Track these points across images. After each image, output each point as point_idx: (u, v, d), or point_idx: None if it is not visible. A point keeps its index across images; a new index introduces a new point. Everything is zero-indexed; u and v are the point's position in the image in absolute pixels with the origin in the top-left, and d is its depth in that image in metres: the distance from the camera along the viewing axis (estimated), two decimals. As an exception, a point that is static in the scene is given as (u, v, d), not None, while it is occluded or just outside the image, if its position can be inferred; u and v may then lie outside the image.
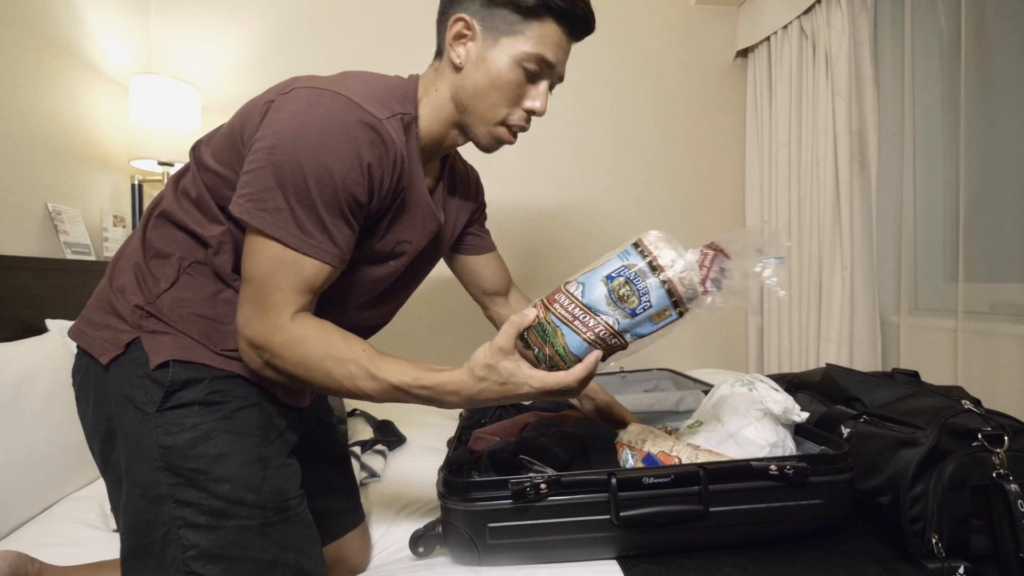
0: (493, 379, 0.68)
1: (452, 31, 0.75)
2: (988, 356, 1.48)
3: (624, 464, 0.90)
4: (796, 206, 2.07)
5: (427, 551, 0.82)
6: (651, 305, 0.67)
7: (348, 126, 0.66)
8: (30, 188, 1.42)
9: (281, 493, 0.73)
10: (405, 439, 1.39)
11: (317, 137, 0.64)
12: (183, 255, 0.74)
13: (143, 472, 0.69)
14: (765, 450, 0.84)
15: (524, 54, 0.74)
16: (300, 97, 0.67)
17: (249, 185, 0.65)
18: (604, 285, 0.68)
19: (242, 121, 0.72)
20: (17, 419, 1.02)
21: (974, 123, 1.53)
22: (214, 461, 0.69)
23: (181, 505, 0.68)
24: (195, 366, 0.71)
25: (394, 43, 2.10)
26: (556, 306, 0.70)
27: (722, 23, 2.37)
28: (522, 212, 2.21)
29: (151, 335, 0.71)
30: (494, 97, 0.76)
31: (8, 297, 1.23)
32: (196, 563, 0.67)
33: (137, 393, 0.69)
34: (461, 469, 0.91)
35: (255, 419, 0.74)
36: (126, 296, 0.74)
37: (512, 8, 0.73)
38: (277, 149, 0.64)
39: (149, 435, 0.68)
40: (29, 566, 0.81)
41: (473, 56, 0.75)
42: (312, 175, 0.64)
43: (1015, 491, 0.74)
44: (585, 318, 0.68)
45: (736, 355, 2.40)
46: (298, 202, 0.65)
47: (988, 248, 1.53)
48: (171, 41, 1.97)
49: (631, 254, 0.69)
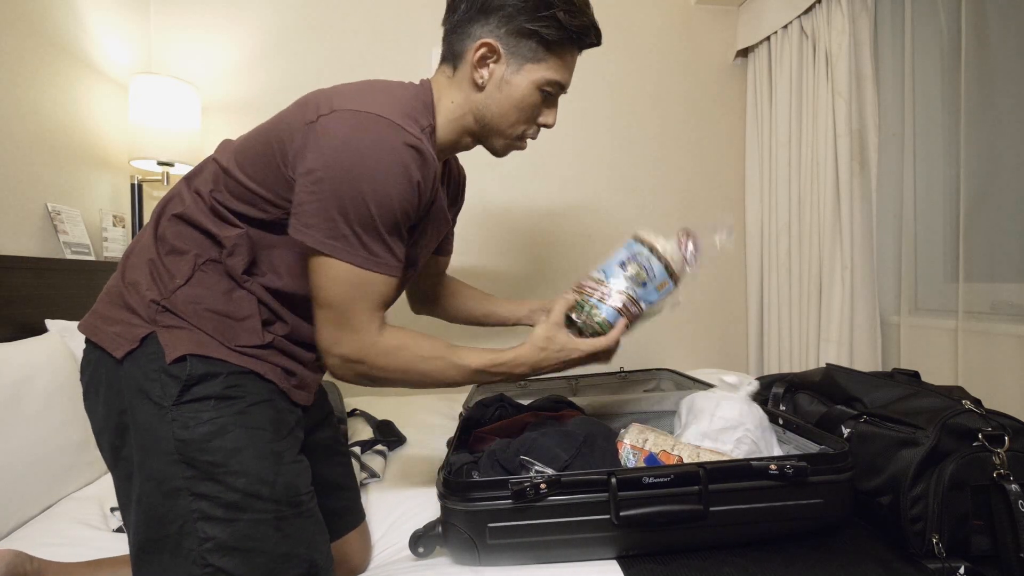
0: (552, 349, 0.85)
1: (477, 54, 0.80)
2: (988, 356, 1.48)
3: (625, 463, 0.91)
4: (796, 206, 2.06)
5: (427, 551, 0.82)
6: (655, 277, 0.91)
7: (397, 150, 0.70)
8: (30, 188, 1.42)
9: (294, 488, 0.74)
10: (405, 439, 1.39)
11: (374, 164, 0.69)
12: (198, 252, 0.76)
13: (158, 465, 0.69)
14: (732, 431, 0.94)
15: (545, 80, 0.82)
16: (345, 121, 0.70)
17: (313, 215, 0.69)
18: (620, 268, 0.92)
19: (279, 140, 0.74)
20: (17, 419, 1.02)
21: (974, 123, 1.53)
22: (230, 455, 0.70)
23: (198, 498, 0.68)
24: (211, 361, 0.72)
25: (394, 43, 2.10)
26: (587, 288, 0.92)
27: (722, 23, 2.37)
28: (523, 211, 2.21)
29: (166, 330, 0.72)
30: (515, 117, 0.84)
31: (8, 297, 1.23)
32: (213, 555, 0.67)
33: (153, 387, 0.70)
34: (461, 469, 0.91)
35: (268, 415, 0.75)
36: (140, 291, 0.74)
37: (538, 40, 0.80)
38: (336, 180, 0.68)
39: (165, 428, 0.69)
40: (28, 565, 0.81)
41: (496, 78, 0.82)
42: (373, 201, 0.69)
43: (1015, 491, 0.74)
44: (612, 293, 0.90)
45: (736, 355, 2.40)
46: (362, 227, 0.70)
47: (988, 248, 1.52)
48: (171, 41, 1.97)
49: (634, 244, 0.94)
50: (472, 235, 2.15)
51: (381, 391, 2.01)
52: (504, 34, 0.79)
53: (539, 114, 0.86)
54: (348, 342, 0.74)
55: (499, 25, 0.79)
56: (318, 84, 2.19)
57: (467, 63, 0.82)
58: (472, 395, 1.47)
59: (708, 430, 0.93)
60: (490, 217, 2.18)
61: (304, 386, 0.84)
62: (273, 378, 0.77)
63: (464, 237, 2.09)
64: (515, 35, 0.79)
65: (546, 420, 1.08)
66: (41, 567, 0.83)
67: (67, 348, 1.23)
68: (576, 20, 0.80)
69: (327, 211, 0.68)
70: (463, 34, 0.82)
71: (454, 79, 0.84)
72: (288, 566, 0.71)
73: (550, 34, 0.79)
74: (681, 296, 0.97)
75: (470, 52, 0.81)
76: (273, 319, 0.79)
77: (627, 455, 0.91)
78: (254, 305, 0.77)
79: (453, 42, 0.84)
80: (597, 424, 0.98)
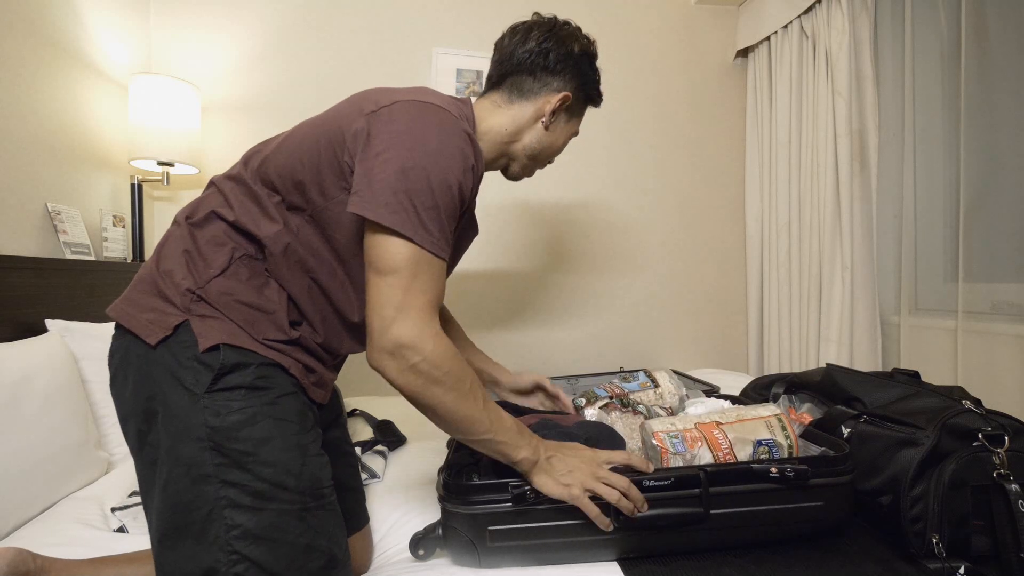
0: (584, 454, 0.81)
1: (556, 103, 0.93)
2: (988, 356, 1.48)
3: (672, 449, 0.86)
4: (796, 206, 2.07)
5: (427, 553, 0.82)
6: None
7: (457, 134, 0.75)
8: (30, 188, 1.42)
9: (317, 481, 0.75)
10: (405, 439, 1.39)
11: (437, 145, 0.72)
12: (235, 246, 0.77)
13: (189, 451, 0.69)
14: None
15: (575, 133, 1.02)
16: (408, 109, 0.74)
17: (377, 191, 0.70)
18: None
19: (336, 130, 0.76)
20: (17, 419, 1.02)
21: (974, 123, 1.53)
22: (259, 444, 0.70)
23: (227, 485, 0.68)
24: (243, 351, 0.73)
25: (394, 43, 2.10)
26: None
27: (722, 23, 2.37)
28: (522, 211, 2.21)
29: (200, 319, 0.73)
30: (552, 155, 1.01)
31: (8, 297, 1.23)
32: (240, 543, 0.67)
33: (186, 374, 0.70)
34: (461, 471, 0.90)
35: (296, 407, 0.76)
36: (174, 279, 0.75)
37: (584, 103, 0.99)
38: (400, 158, 0.70)
39: (198, 415, 0.69)
40: (30, 562, 0.81)
41: (559, 124, 0.97)
42: (436, 179, 0.71)
43: (1015, 491, 0.74)
44: None
45: (736, 355, 2.40)
46: (422, 204, 0.71)
47: (988, 248, 1.53)
48: (171, 41, 1.96)
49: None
50: (472, 235, 2.14)
51: (380, 391, 2.01)
52: (577, 90, 0.95)
53: None
54: (404, 323, 0.69)
55: (578, 84, 0.95)
56: (318, 84, 2.20)
57: (536, 103, 0.93)
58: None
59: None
60: (489, 217, 2.18)
61: (322, 384, 0.86)
62: (296, 373, 0.78)
63: (464, 237, 2.10)
64: (582, 95, 0.97)
65: (547, 422, 1.08)
66: (44, 564, 0.83)
67: (67, 348, 1.23)
68: (600, 92, 1.01)
69: (391, 186, 0.70)
70: (540, 80, 0.93)
71: (509, 110, 0.93)
72: (309, 557, 0.72)
73: (592, 101, 1.00)
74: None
75: (547, 96, 0.93)
76: (300, 319, 0.81)
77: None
78: (284, 301, 0.78)
79: (523, 83, 0.93)
80: (599, 426, 0.98)
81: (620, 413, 1.05)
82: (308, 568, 0.71)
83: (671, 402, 1.15)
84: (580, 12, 2.23)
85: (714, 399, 1.08)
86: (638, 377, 1.22)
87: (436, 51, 2.10)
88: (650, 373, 1.22)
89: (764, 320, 2.25)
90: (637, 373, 1.24)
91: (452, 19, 2.14)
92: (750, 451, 0.84)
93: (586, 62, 0.95)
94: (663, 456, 0.84)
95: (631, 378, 1.23)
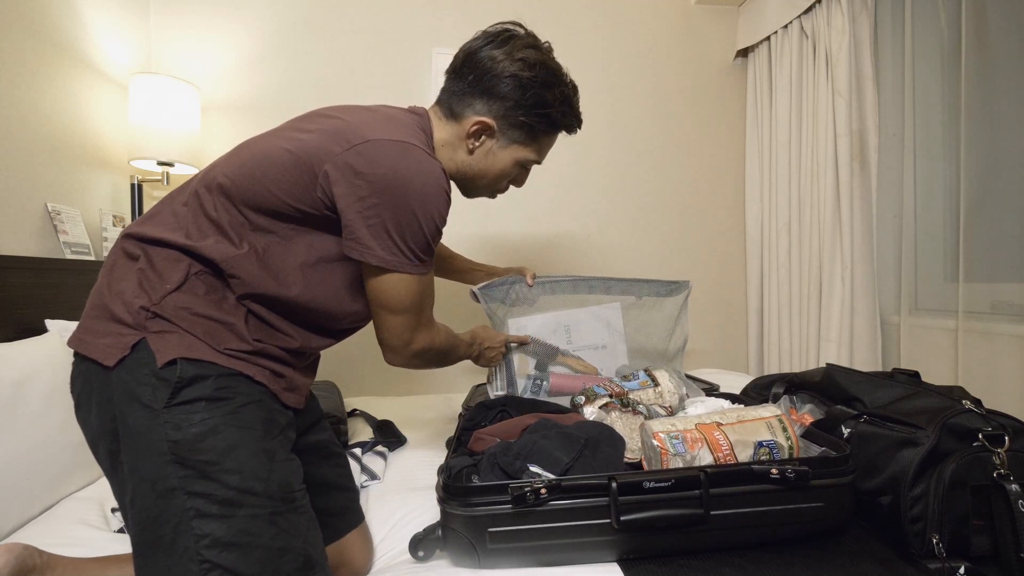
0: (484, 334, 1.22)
1: (473, 127, 0.91)
2: (988, 356, 1.48)
3: (672, 450, 0.85)
4: (796, 206, 2.06)
5: (427, 555, 0.82)
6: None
7: (436, 174, 0.79)
8: (30, 188, 1.41)
9: (287, 484, 0.75)
10: (405, 440, 1.39)
11: (421, 187, 0.77)
12: (191, 263, 0.77)
13: (151, 467, 0.69)
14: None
15: (527, 159, 0.97)
16: (386, 150, 0.77)
17: (373, 237, 0.77)
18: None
19: (303, 172, 0.77)
20: (17, 419, 1.02)
21: (974, 123, 1.53)
22: (223, 453, 0.71)
23: (193, 496, 0.69)
24: (201, 363, 0.73)
25: (394, 43, 2.10)
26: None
27: (722, 23, 2.37)
28: (521, 211, 2.21)
29: (156, 335, 0.73)
30: (491, 181, 0.98)
31: (8, 297, 1.23)
32: (210, 551, 0.68)
33: (144, 391, 0.70)
34: (461, 473, 0.90)
35: (259, 415, 0.76)
36: (125, 299, 0.74)
37: (527, 129, 0.92)
38: (389, 204, 0.76)
39: (158, 431, 0.69)
40: (36, 558, 0.82)
41: (484, 148, 0.94)
42: (423, 218, 0.78)
43: (1015, 491, 0.74)
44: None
45: (736, 355, 2.40)
46: (414, 242, 0.79)
47: (988, 248, 1.52)
48: (171, 41, 1.96)
49: None
50: (469, 235, 2.15)
51: (381, 391, 2.02)
52: (500, 117, 0.91)
53: (512, 181, 1.03)
54: (421, 339, 0.88)
55: (499, 109, 0.90)
56: (318, 84, 2.19)
57: (463, 127, 0.92)
58: (472, 395, 1.47)
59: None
60: (488, 217, 2.18)
61: (294, 388, 0.85)
62: (263, 380, 0.78)
63: (462, 237, 2.10)
64: (510, 121, 0.91)
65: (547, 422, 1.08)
66: (50, 561, 0.83)
67: (67, 348, 1.23)
68: (565, 119, 0.96)
69: (385, 231, 0.77)
70: (464, 103, 0.91)
71: (448, 127, 0.93)
72: (284, 560, 0.72)
73: (540, 128, 0.93)
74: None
75: (468, 121, 0.91)
76: (266, 327, 0.80)
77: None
78: (242, 311, 0.78)
79: (453, 102, 0.92)
80: (600, 426, 0.98)
81: (620, 413, 1.05)
82: (284, 570, 0.71)
83: (671, 401, 1.15)
84: (580, 12, 2.23)
85: (714, 398, 1.09)
86: (638, 376, 1.22)
87: (436, 51, 2.10)
88: (650, 372, 1.22)
89: (764, 320, 2.25)
90: (637, 372, 1.24)
91: (452, 19, 2.14)
92: (751, 452, 0.84)
93: (517, 87, 0.88)
94: (663, 457, 0.84)
95: (631, 376, 1.23)
